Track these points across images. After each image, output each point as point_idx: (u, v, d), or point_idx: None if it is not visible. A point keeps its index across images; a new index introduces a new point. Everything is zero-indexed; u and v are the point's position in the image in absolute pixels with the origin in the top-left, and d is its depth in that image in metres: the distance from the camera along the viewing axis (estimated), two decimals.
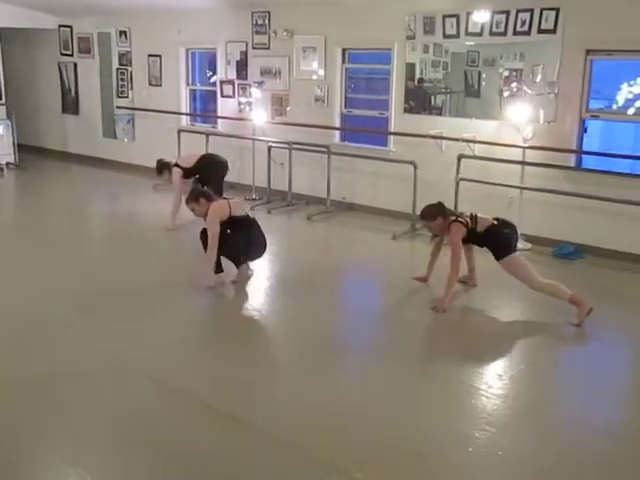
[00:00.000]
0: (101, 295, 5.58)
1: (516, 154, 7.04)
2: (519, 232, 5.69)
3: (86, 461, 3.36)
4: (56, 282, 5.90)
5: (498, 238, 5.37)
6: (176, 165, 7.78)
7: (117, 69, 11.32)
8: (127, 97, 11.30)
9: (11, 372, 4.22)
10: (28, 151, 12.03)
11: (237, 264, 5.83)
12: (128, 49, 11.05)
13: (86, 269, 6.29)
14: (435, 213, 5.52)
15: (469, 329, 5.30)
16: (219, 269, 5.81)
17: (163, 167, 7.85)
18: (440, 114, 7.91)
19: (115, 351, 4.56)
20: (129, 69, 11.15)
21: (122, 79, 11.32)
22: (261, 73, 9.30)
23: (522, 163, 7.00)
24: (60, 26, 11.89)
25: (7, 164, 11.19)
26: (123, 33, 11.04)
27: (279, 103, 9.18)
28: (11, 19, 11.22)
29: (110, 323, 5.03)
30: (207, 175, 7.86)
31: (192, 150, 8.75)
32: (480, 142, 7.32)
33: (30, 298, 5.47)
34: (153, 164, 8.05)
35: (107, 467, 3.35)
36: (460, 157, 7.20)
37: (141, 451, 3.45)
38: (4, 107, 11.48)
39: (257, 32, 9.22)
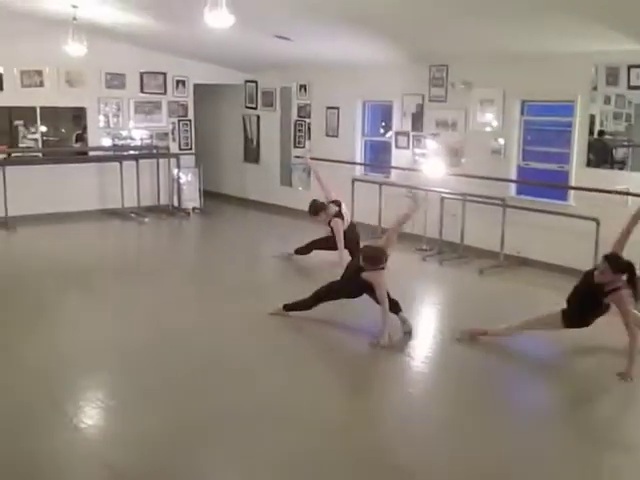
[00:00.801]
0: (268, 335, 5.82)
1: None
2: None
3: None
4: (228, 319, 6.24)
5: None
6: (339, 215, 8.13)
7: (295, 121, 11.88)
8: (304, 147, 11.79)
9: (186, 413, 4.43)
10: (211, 197, 12.85)
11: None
12: (307, 102, 11.57)
13: (255, 310, 6.49)
14: (623, 268, 5.17)
15: None
16: (288, 309, 6.16)
17: (319, 209, 8.36)
18: (622, 168, 7.54)
19: (281, 394, 4.71)
20: (307, 121, 11.65)
21: (300, 130, 11.85)
22: (436, 125, 9.38)
23: None
24: (246, 81, 12.73)
25: (193, 209, 12.04)
26: (303, 87, 11.59)
27: (454, 155, 9.18)
28: (206, 76, 12.24)
29: (278, 364, 5.24)
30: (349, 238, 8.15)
31: (367, 200, 8.92)
32: None
33: (212, 335, 5.82)
34: None
35: None
36: None
37: None
38: (193, 156, 12.42)
39: (434, 85, 9.33)
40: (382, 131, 10.65)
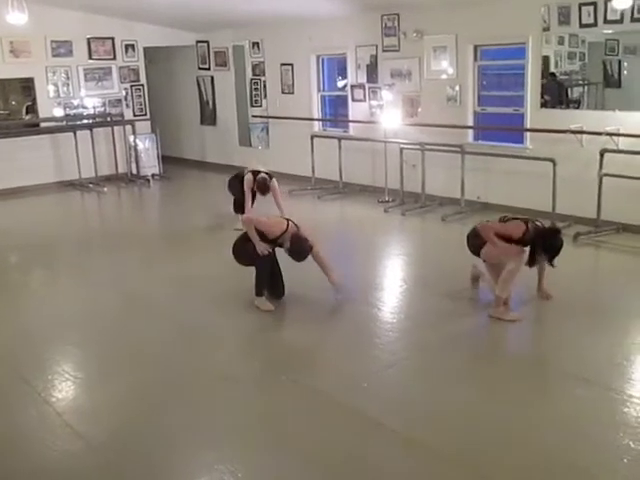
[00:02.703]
0: (231, 297, 5.77)
1: None
2: None
3: (236, 459, 3.51)
4: (195, 282, 6.21)
5: None
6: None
7: (251, 79, 11.71)
8: (261, 106, 11.66)
9: (165, 372, 4.49)
10: (170, 162, 12.67)
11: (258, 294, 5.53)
12: (261, 59, 11.40)
13: (220, 270, 6.48)
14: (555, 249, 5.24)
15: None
16: (257, 294, 5.52)
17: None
18: (578, 107, 7.61)
19: (258, 353, 4.75)
20: (262, 79, 11.49)
21: (256, 89, 11.70)
22: (391, 75, 9.32)
23: None
24: (198, 42, 12.48)
25: (152, 175, 11.86)
26: (256, 44, 11.40)
27: (410, 104, 9.16)
28: (155, 39, 11.96)
29: (243, 325, 5.26)
30: None
31: (327, 155, 8.84)
32: (626, 135, 6.93)
33: (176, 299, 5.80)
34: (288, 170, 8.30)
35: (256, 465, 3.48)
36: (603, 152, 6.88)
37: (287, 450, 3.56)
38: (149, 122, 12.20)
39: (387, 35, 9.24)
40: (341, 85, 10.52)
